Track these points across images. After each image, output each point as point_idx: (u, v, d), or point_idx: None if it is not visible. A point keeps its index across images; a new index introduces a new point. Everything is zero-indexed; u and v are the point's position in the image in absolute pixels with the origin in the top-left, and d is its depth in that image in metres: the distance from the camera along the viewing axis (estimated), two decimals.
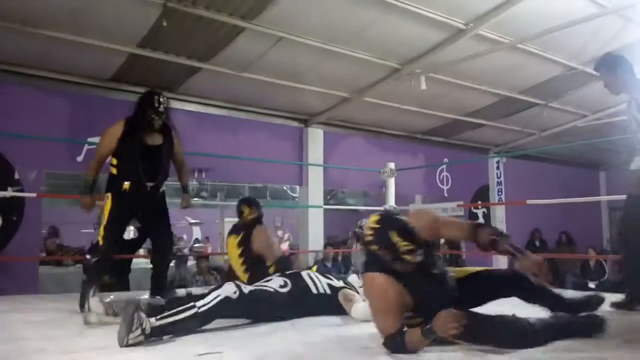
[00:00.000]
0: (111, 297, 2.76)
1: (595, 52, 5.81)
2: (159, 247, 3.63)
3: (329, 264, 8.15)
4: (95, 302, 2.65)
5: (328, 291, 2.79)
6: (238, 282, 2.48)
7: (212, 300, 2.30)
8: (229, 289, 2.37)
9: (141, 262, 9.40)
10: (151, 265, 3.61)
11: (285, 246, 10.53)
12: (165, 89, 6.16)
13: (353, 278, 3.11)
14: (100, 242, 3.35)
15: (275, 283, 2.69)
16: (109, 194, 3.40)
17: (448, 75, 6.33)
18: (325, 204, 8.88)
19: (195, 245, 14.04)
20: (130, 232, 7.09)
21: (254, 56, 5.49)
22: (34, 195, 5.02)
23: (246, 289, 2.45)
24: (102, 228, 3.36)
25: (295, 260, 7.20)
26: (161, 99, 3.44)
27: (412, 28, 5.20)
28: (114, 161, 3.44)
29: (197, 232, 15.67)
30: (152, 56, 5.29)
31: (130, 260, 6.41)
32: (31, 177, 5.31)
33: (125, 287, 3.57)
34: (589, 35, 5.48)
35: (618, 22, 5.25)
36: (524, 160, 10.08)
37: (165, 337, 2.18)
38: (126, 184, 3.36)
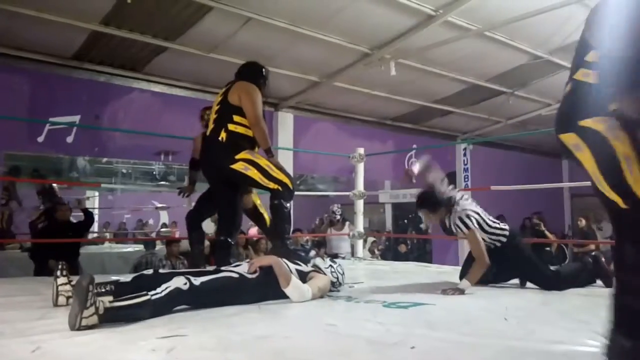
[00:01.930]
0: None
1: (561, 42, 5.95)
2: None
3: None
4: (62, 283, 2.57)
5: (297, 276, 2.78)
6: (189, 275, 2.42)
7: (163, 291, 2.25)
8: (178, 281, 2.32)
9: (105, 247, 9.27)
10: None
11: (254, 230, 10.47)
12: (130, 68, 6.03)
13: (318, 261, 3.11)
14: (288, 185, 3.30)
15: (242, 268, 2.67)
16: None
17: (417, 62, 6.37)
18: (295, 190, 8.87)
19: (162, 229, 13.86)
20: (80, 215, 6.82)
21: (222, 36, 5.40)
22: None
23: (197, 280, 2.37)
24: (280, 172, 3.29)
25: (265, 245, 7.18)
26: None
27: (383, 13, 5.20)
28: (246, 121, 3.32)
29: (164, 217, 15.46)
30: (115, 34, 5.15)
31: (79, 244, 6.27)
32: None
33: (76, 271, 3.43)
34: (555, 25, 5.58)
35: (584, 12, 5.33)
36: (491, 148, 10.28)
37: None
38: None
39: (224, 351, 1.76)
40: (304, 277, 2.79)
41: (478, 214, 3.30)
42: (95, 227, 14.06)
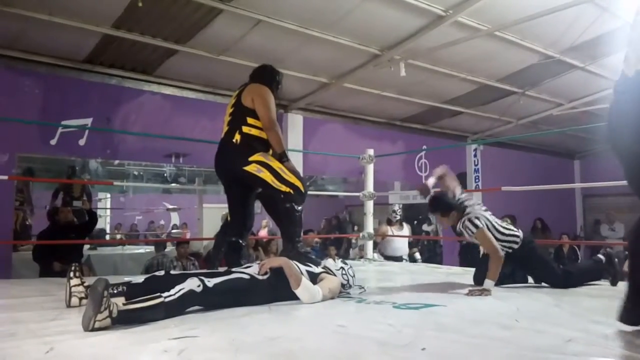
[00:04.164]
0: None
1: (572, 41, 5.90)
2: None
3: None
4: (75, 284, 2.59)
5: (307, 278, 2.79)
6: (202, 277, 2.43)
7: (176, 293, 2.27)
8: (192, 283, 2.34)
9: (117, 248, 9.34)
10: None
11: (264, 232, 10.51)
12: (141, 71, 6.08)
13: (329, 262, 3.12)
14: (300, 188, 3.29)
15: (253, 269, 2.68)
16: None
17: (427, 62, 6.35)
18: None
19: (174, 231, 13.96)
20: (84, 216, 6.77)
21: (232, 39, 5.42)
22: (5, 177, 4.89)
23: (210, 282, 2.39)
24: (292, 176, 3.29)
25: (275, 246, 7.20)
26: None
27: (392, 14, 5.19)
28: (260, 123, 3.35)
29: (175, 218, 15.56)
30: (127, 37, 5.18)
31: (82, 245, 6.26)
32: (3, 160, 5.19)
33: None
34: (566, 24, 5.53)
35: (594, 12, 5.30)
36: (501, 148, 10.21)
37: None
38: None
39: (235, 352, 1.77)
40: (314, 278, 2.80)
41: (488, 220, 3.33)
42: (107, 228, 14.20)
